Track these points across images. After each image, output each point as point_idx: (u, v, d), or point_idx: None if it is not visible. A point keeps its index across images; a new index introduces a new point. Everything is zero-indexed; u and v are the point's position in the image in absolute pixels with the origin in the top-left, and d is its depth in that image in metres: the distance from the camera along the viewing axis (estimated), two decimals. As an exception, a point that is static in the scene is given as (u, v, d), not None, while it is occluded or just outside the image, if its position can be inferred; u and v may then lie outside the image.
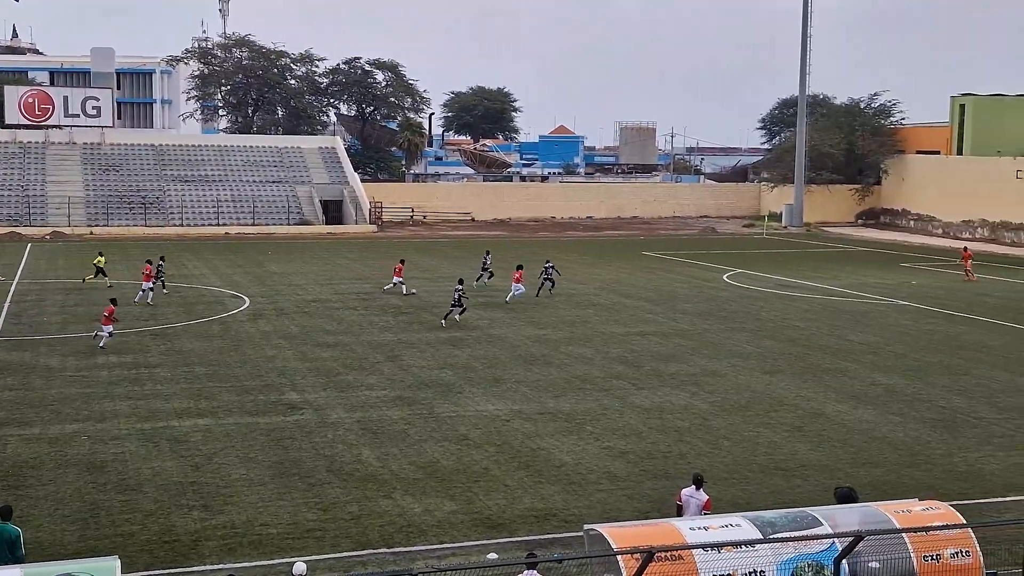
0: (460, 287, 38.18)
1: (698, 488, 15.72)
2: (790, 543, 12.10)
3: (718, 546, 11.83)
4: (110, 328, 32.25)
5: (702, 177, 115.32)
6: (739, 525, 12.53)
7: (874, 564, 12.18)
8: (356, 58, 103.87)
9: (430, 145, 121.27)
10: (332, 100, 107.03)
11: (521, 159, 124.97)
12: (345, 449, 21.99)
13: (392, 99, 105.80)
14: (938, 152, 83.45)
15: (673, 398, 26.67)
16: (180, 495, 19.04)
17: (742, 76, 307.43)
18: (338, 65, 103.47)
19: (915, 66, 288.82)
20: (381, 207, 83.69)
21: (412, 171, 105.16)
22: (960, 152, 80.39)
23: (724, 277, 51.59)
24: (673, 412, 25.28)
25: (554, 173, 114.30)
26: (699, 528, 12.41)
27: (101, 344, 31.82)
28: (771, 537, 12.13)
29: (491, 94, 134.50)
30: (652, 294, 45.73)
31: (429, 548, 16.79)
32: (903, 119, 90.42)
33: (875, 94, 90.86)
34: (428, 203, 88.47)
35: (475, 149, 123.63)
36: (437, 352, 32.32)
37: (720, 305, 42.66)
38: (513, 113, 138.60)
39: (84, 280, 46.68)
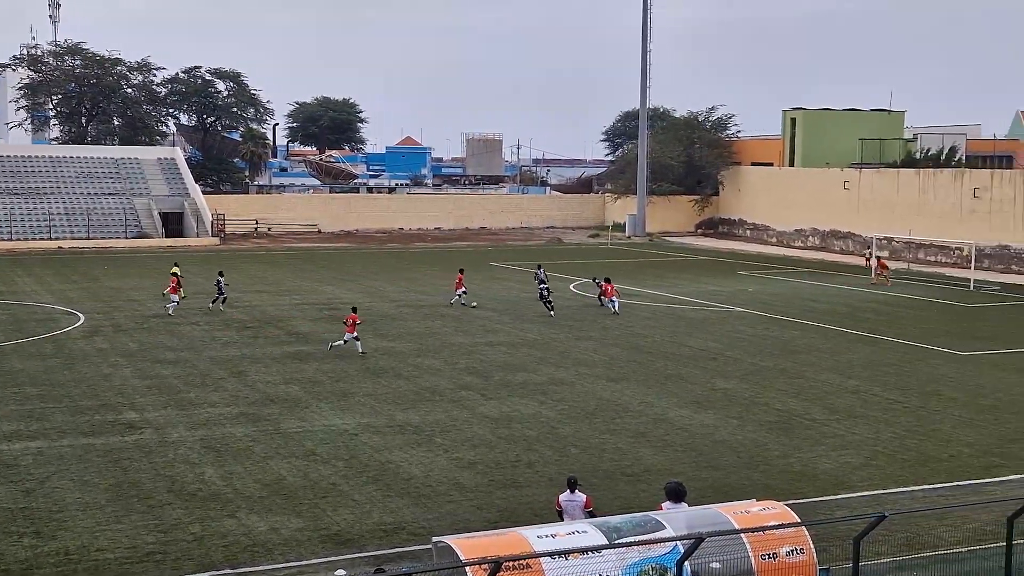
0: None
1: (573, 491, 15.92)
2: (635, 547, 12.33)
3: (565, 553, 11.97)
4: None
5: (548, 188, 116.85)
6: (586, 531, 12.72)
7: (715, 565, 12.52)
8: (196, 67, 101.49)
9: (274, 156, 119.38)
10: (171, 110, 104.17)
11: (368, 170, 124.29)
12: (187, 468, 21.37)
13: (234, 109, 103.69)
14: (771, 164, 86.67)
15: (521, 407, 26.89)
16: (10, 522, 18.15)
17: (586, 89, 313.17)
18: (177, 74, 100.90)
19: (749, 81, 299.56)
20: (224, 219, 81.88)
21: (256, 182, 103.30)
22: (792, 164, 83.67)
23: (571, 287, 52.36)
24: (521, 421, 25.48)
25: (401, 184, 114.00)
26: (546, 536, 12.53)
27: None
28: (616, 542, 12.34)
29: (336, 104, 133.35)
30: (500, 304, 46.04)
31: (275, 567, 16.46)
32: (739, 132, 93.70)
33: (712, 108, 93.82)
34: (273, 215, 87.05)
35: (321, 160, 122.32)
36: (283, 367, 31.77)
37: (565, 314, 43.24)
38: (359, 124, 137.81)
39: (164, 294, 43.02)
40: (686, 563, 12.12)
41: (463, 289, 44.74)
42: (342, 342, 33.99)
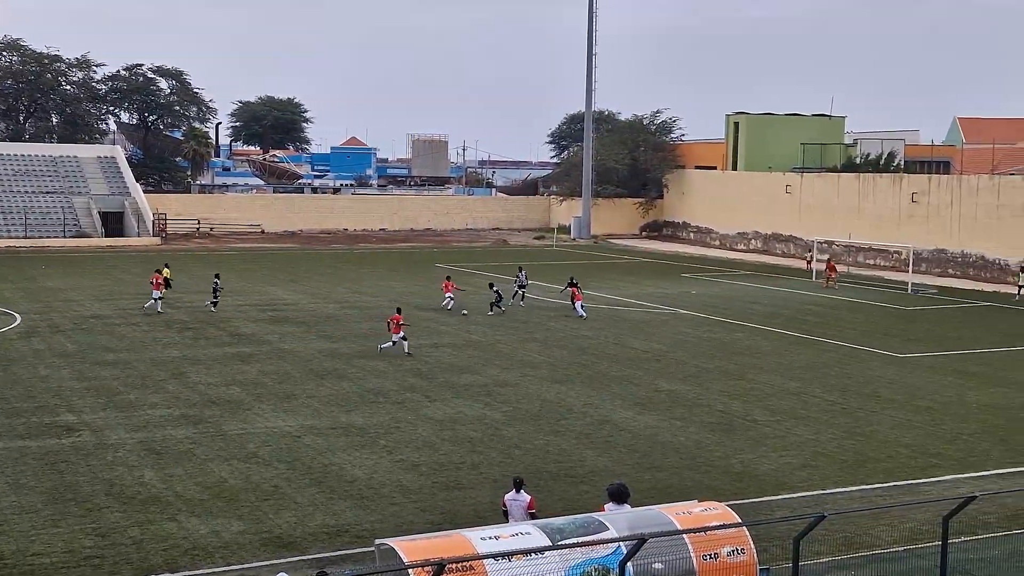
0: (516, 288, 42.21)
1: (518, 491, 15.97)
2: (578, 548, 12.37)
3: (508, 555, 11.97)
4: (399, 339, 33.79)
5: (494, 190, 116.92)
6: (529, 533, 12.74)
7: (658, 565, 12.60)
8: (138, 65, 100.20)
9: (217, 155, 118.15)
10: (112, 108, 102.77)
11: (312, 170, 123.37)
12: (126, 471, 21.07)
13: (177, 108, 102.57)
14: (715, 167, 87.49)
15: (466, 409, 26.87)
16: (-58, 527, 17.77)
17: (532, 91, 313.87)
18: (118, 72, 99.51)
19: (694, 85, 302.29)
20: (165, 219, 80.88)
21: (198, 182, 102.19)
22: (735, 167, 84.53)
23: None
24: (466, 423, 25.46)
25: (346, 185, 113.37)
26: (490, 538, 12.53)
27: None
28: (560, 543, 12.37)
29: (281, 104, 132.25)
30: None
31: (216, 570, 16.29)
32: (683, 135, 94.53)
33: (657, 111, 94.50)
34: (215, 215, 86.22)
35: (264, 160, 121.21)
36: (225, 368, 31.45)
37: (510, 316, 43.30)
38: (304, 124, 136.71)
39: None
40: (629, 564, 12.19)
41: (450, 294, 44.71)
42: (390, 344, 33.98)
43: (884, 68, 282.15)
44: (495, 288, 44.13)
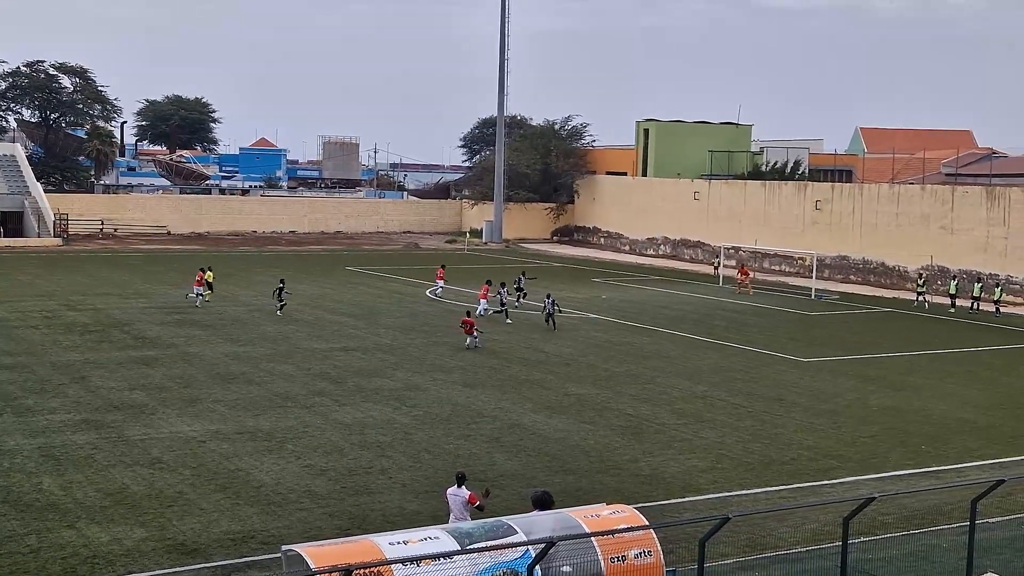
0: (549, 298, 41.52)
1: (460, 486, 16.11)
2: (487, 553, 12.36)
3: (417, 559, 11.92)
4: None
5: (405, 193, 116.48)
6: (438, 538, 12.69)
7: (566, 568, 12.65)
8: (39, 61, 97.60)
9: (122, 155, 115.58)
10: (12, 105, 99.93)
11: (220, 171, 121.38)
12: (23, 478, 20.46)
13: (80, 106, 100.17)
14: (625, 173, 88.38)
15: (375, 413, 26.68)
16: None
17: (444, 95, 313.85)
18: (18, 68, 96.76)
19: (605, 92, 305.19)
20: (67, 219, 78.85)
21: (102, 182, 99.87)
22: (645, 174, 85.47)
23: (427, 292, 52.26)
24: (375, 427, 25.29)
25: (255, 186, 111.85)
26: (398, 543, 12.45)
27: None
28: (468, 548, 12.35)
29: (188, 103, 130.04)
30: (355, 309, 45.64)
31: (117, 579, 15.91)
32: (593, 141, 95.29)
33: (568, 117, 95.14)
34: (120, 215, 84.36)
35: (171, 160, 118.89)
36: (129, 372, 30.77)
37: (422, 320, 43.17)
38: (212, 124, 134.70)
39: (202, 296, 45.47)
40: (537, 567, 12.21)
41: (442, 282, 47.34)
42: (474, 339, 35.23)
43: (789, 79, 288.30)
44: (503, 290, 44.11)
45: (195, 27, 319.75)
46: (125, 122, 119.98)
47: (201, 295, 45.23)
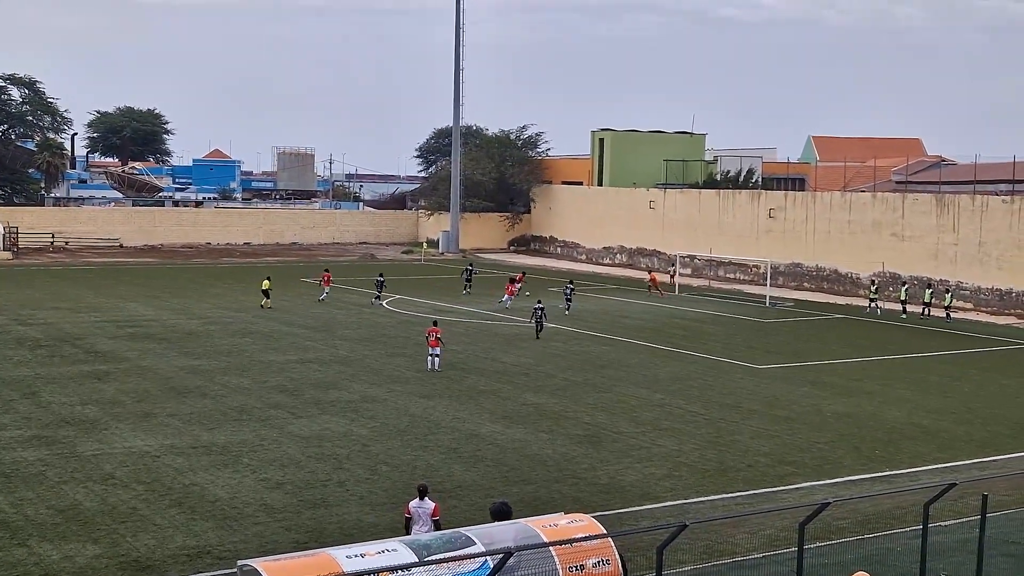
0: (540, 305, 42.48)
1: (422, 498, 16.06)
2: (445, 564, 12.32)
3: (374, 572, 11.85)
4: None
5: (361, 204, 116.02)
6: (396, 550, 12.61)
7: (524, 578, 12.62)
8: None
9: (73, 167, 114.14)
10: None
11: (174, 183, 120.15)
12: (-28, 496, 20.11)
13: (29, 117, 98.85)
14: (581, 183, 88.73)
15: (332, 425, 26.53)
16: None
17: (400, 105, 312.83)
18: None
19: (561, 102, 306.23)
20: (17, 232, 77.76)
21: (53, 194, 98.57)
22: (601, 183, 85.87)
23: (384, 303, 52.09)
24: (332, 440, 25.14)
25: (209, 198, 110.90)
26: (356, 556, 12.37)
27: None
28: (426, 560, 12.30)
29: (140, 115, 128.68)
30: (312, 321, 45.37)
31: (69, 598, 15.67)
32: (548, 150, 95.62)
33: (524, 126, 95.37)
34: (71, 228, 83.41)
35: (123, 172, 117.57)
36: (80, 387, 30.37)
37: (379, 331, 43.01)
38: (165, 135, 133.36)
39: (261, 306, 48.45)
40: (495, 578, 12.17)
41: (516, 291, 51.09)
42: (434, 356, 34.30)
43: (742, 88, 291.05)
44: (540, 305, 43.38)
45: (147, 38, 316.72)
46: (76, 134, 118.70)
47: (328, 293, 52.05)
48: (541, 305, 42.93)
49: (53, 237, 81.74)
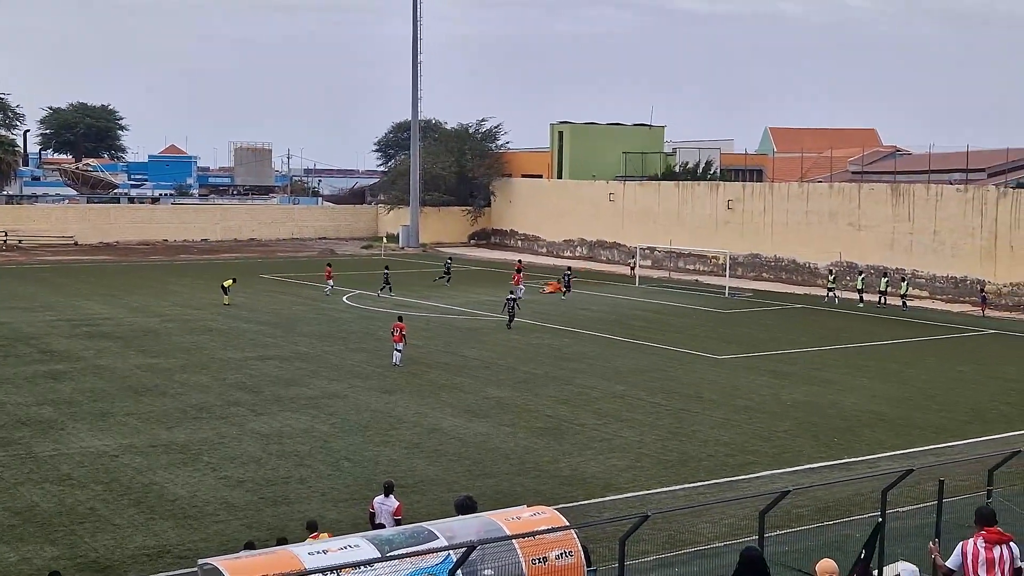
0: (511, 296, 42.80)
1: (387, 495, 16.10)
2: (407, 559, 12.27)
3: (336, 569, 11.77)
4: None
5: (320, 199, 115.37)
6: (358, 546, 12.54)
7: (488, 572, 12.60)
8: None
9: (25, 164, 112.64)
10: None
11: (129, 179, 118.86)
12: (-74, 500, 19.80)
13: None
14: (541, 176, 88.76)
15: (293, 422, 26.38)
16: None
17: (357, 99, 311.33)
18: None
19: (519, 95, 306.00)
20: (-31, 231, 76.63)
21: (5, 192, 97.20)
22: (560, 176, 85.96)
23: (344, 299, 51.86)
24: (293, 436, 24.99)
25: (166, 194, 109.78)
26: (318, 552, 12.30)
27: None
28: (389, 555, 12.24)
29: (94, 111, 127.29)
30: (271, 317, 45.07)
31: (27, 601, 15.47)
32: (508, 143, 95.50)
33: (482, 119, 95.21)
34: (24, 226, 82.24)
35: (77, 169, 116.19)
36: (36, 387, 29.97)
37: (340, 327, 42.82)
38: (119, 131, 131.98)
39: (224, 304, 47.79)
40: (458, 572, 12.15)
41: (521, 287, 51.14)
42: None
43: (700, 80, 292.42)
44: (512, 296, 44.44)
45: (100, 33, 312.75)
46: (28, 130, 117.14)
47: (331, 286, 53.02)
48: (513, 296, 43.06)
49: (6, 235, 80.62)
